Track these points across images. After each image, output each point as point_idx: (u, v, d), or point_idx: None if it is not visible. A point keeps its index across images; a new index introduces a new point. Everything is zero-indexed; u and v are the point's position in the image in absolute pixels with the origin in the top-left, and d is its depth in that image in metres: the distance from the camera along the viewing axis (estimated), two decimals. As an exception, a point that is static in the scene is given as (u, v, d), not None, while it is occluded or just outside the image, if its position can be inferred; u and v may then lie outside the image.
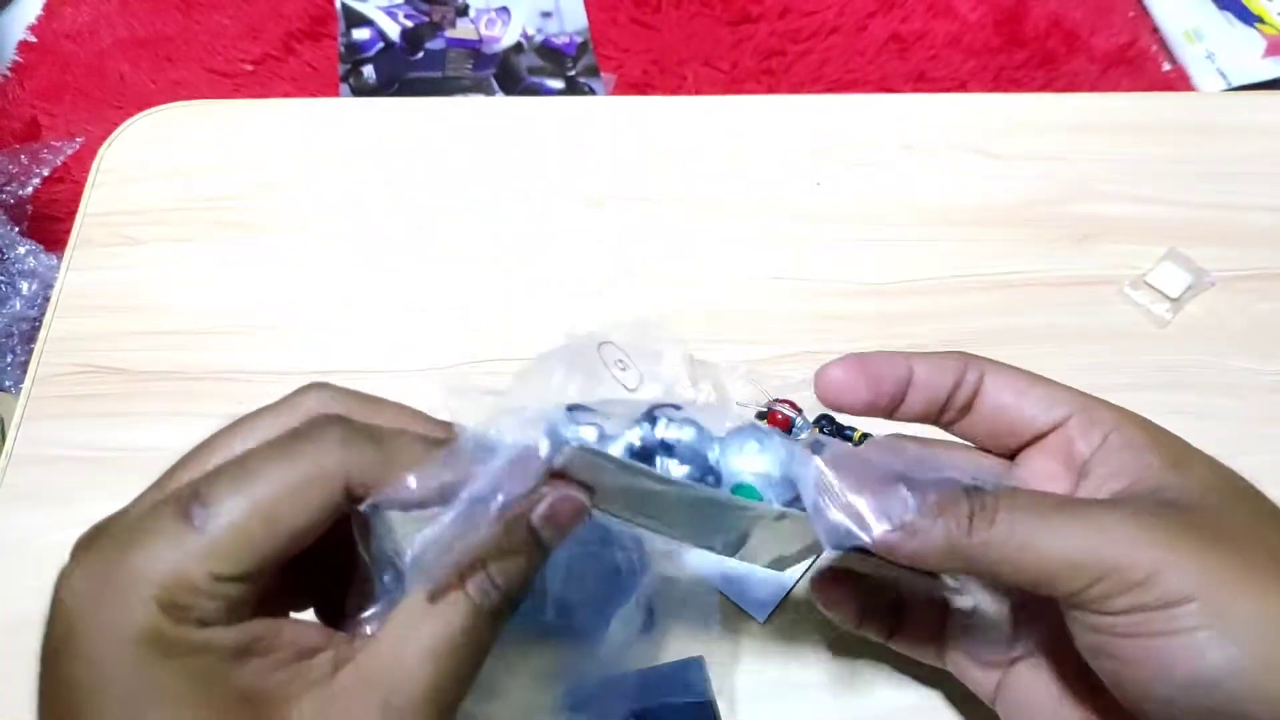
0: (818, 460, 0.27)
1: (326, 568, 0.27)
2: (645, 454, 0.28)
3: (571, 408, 0.27)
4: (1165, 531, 0.25)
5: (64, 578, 0.23)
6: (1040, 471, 0.31)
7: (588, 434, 0.27)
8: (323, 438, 0.24)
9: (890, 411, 0.31)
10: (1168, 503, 0.27)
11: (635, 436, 0.28)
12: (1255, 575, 0.25)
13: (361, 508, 0.24)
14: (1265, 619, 0.24)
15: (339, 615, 0.28)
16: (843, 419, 0.44)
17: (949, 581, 0.34)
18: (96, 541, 0.24)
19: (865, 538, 0.27)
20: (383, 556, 0.26)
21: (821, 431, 0.43)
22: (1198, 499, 0.27)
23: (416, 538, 0.25)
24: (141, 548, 0.23)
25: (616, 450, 0.27)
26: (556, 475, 0.26)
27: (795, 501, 0.28)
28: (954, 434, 0.32)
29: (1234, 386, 0.48)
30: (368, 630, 0.26)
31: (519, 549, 0.25)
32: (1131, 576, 0.25)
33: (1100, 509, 0.26)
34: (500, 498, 0.25)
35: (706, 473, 0.28)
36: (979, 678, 0.33)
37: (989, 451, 0.32)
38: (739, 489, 0.28)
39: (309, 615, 0.28)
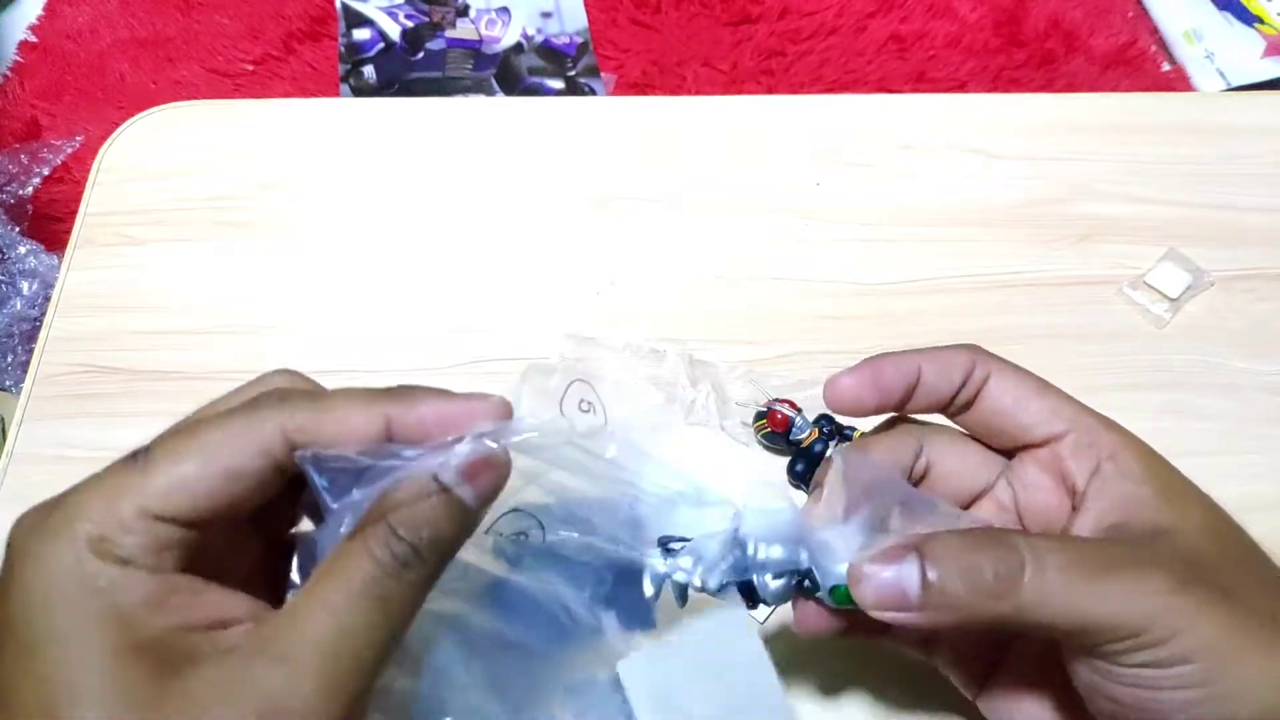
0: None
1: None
2: (745, 583, 0.30)
3: (662, 541, 0.30)
4: (1192, 594, 0.25)
5: (17, 521, 0.24)
6: (1031, 482, 0.31)
7: (684, 563, 0.29)
8: (263, 396, 0.26)
9: (898, 409, 0.32)
10: (1183, 557, 0.26)
11: (728, 562, 0.30)
12: (1259, 634, 0.25)
13: (296, 454, 0.25)
14: (1268, 678, 0.25)
15: None
16: (843, 419, 0.44)
17: None
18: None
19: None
20: (308, 537, 0.27)
21: (821, 431, 0.44)
22: (1198, 544, 0.27)
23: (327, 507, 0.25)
24: (83, 488, 0.24)
25: (713, 580, 0.29)
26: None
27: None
28: (957, 424, 0.33)
29: (1233, 386, 0.48)
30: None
31: (429, 503, 0.24)
32: (1155, 637, 0.25)
33: (1136, 569, 0.26)
34: (409, 457, 0.25)
35: (803, 579, 0.30)
36: (965, 678, 0.33)
37: (987, 445, 0.32)
38: (836, 590, 0.29)
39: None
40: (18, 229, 0.85)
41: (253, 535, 0.28)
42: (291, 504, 0.28)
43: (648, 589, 0.30)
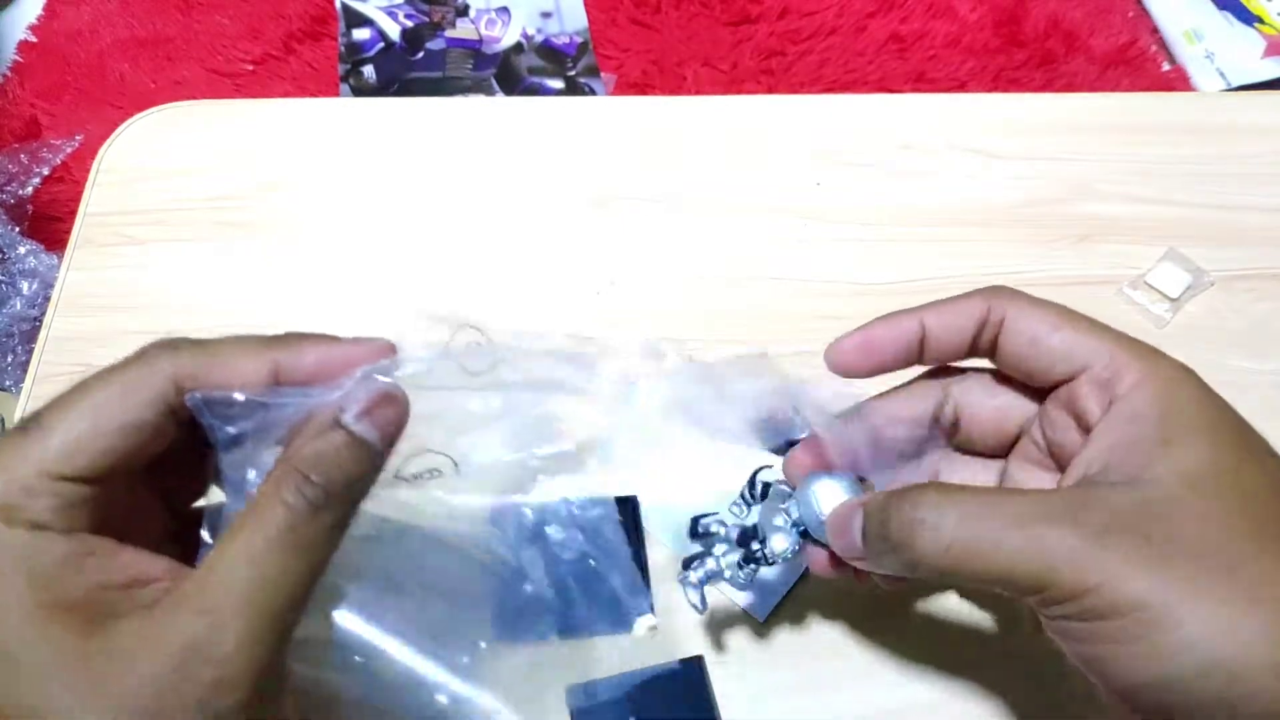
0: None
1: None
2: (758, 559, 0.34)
3: (685, 561, 0.35)
4: (1108, 544, 0.25)
5: None
6: (1057, 421, 0.31)
7: (710, 565, 0.35)
8: (151, 346, 0.27)
9: (910, 364, 0.32)
10: (1127, 506, 0.26)
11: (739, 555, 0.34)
12: (1215, 586, 0.24)
13: (186, 397, 0.26)
14: (1217, 630, 0.24)
15: None
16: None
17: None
18: None
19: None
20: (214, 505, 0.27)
21: None
22: (1172, 493, 0.26)
23: (224, 457, 0.26)
24: None
25: (738, 579, 0.34)
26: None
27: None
28: (994, 365, 0.32)
29: (1233, 386, 0.47)
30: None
31: (334, 445, 0.25)
32: (1069, 589, 0.25)
33: (1044, 523, 0.26)
34: (309, 399, 0.26)
35: (801, 528, 0.34)
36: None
37: (1025, 384, 0.32)
38: None
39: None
40: (18, 229, 0.85)
41: (160, 505, 0.29)
42: (198, 474, 0.28)
43: (693, 598, 0.35)
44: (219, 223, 0.51)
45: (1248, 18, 0.85)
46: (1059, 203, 0.54)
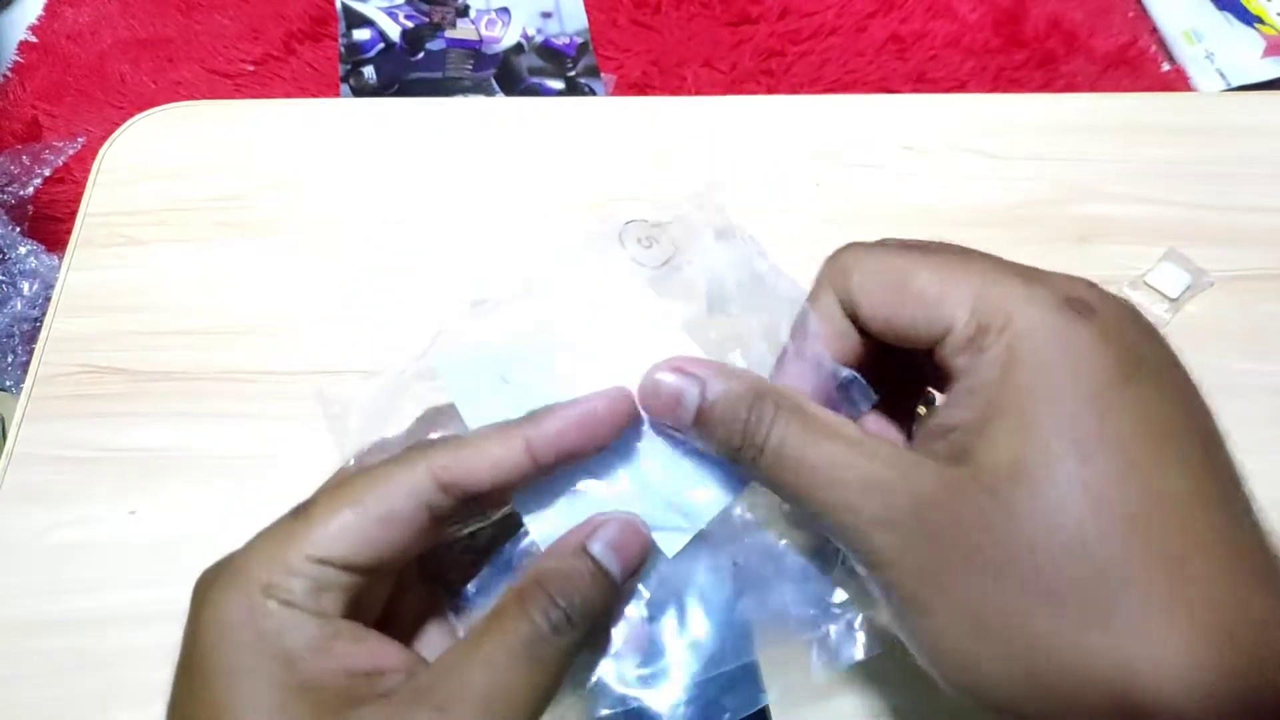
0: None
1: None
2: None
3: None
4: (893, 533, 0.23)
5: (199, 576, 0.26)
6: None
7: None
8: (411, 447, 0.27)
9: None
10: (917, 493, 0.23)
11: None
12: (951, 581, 0.23)
13: (513, 498, 0.27)
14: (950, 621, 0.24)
15: None
16: None
17: None
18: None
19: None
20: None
21: None
22: (968, 456, 0.23)
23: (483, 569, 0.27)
24: (255, 541, 0.26)
25: None
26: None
27: None
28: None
29: (1233, 387, 0.48)
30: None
31: (580, 574, 0.26)
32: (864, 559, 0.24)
33: (854, 485, 0.24)
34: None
35: None
36: None
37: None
38: None
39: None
40: (18, 229, 0.85)
41: (428, 586, 0.30)
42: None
43: None
44: (219, 223, 0.51)
45: (1247, 18, 0.85)
46: (1059, 203, 0.54)
